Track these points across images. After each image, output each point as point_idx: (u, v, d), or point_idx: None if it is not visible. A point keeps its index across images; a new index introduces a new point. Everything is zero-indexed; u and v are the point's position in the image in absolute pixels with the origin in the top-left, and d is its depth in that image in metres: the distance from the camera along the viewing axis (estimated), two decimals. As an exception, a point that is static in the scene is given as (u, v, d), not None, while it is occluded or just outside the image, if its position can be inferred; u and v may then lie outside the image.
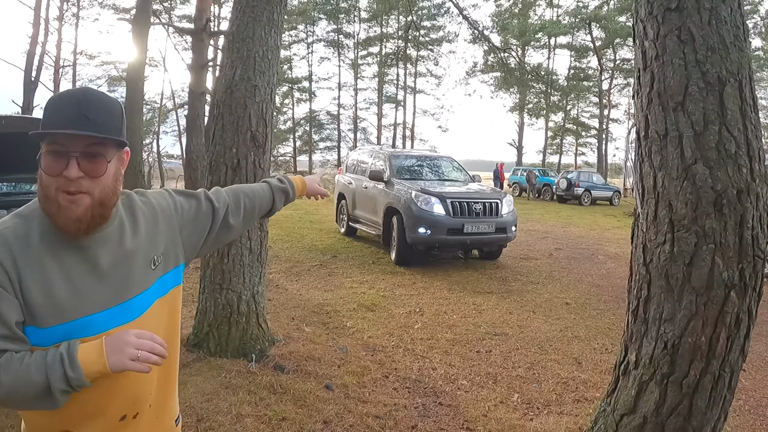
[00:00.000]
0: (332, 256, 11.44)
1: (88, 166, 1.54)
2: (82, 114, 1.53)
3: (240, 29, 5.83)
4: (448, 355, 5.97)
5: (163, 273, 1.82)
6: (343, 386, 5.04)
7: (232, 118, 5.75)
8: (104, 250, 1.66)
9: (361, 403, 4.75)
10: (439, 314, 7.44)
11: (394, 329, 6.71)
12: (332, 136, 53.81)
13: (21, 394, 1.51)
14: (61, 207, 1.54)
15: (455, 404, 4.82)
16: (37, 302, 1.54)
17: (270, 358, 5.54)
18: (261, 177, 5.78)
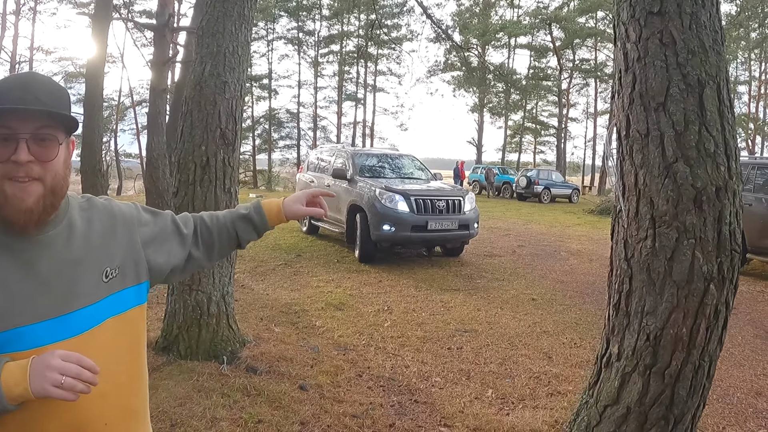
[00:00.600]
0: (296, 255, 11.40)
1: (39, 150, 1.43)
2: (32, 95, 1.43)
3: (210, 24, 5.74)
4: (419, 352, 5.99)
5: (121, 288, 1.61)
6: (317, 386, 5.02)
7: (201, 115, 5.66)
8: (46, 255, 1.51)
9: (337, 402, 4.73)
10: (408, 312, 7.47)
11: (364, 328, 6.72)
12: (292, 134, 53.14)
13: None
14: (9, 197, 1.42)
15: (431, 401, 4.84)
16: None
17: (242, 360, 5.48)
18: (230, 175, 5.76)
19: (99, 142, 14.70)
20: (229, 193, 5.76)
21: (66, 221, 1.55)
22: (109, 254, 1.59)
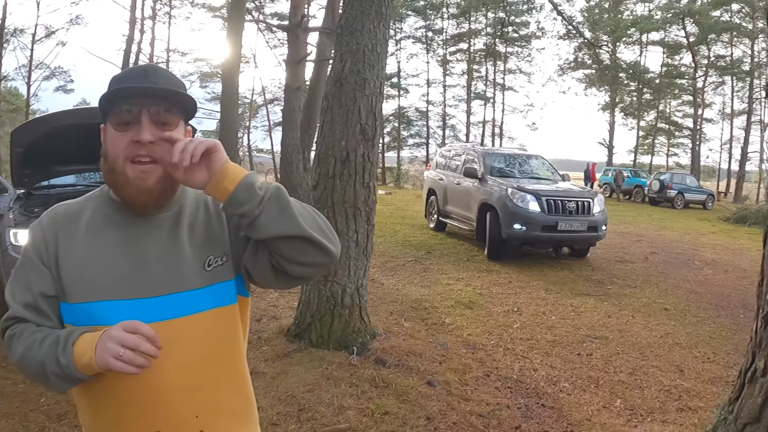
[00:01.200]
0: (426, 252, 11.51)
1: (160, 131, 1.49)
2: (152, 81, 1.50)
3: (348, 22, 5.86)
4: (548, 356, 5.93)
5: (222, 280, 1.62)
6: (445, 383, 5.06)
7: (342, 111, 5.78)
8: (152, 236, 1.57)
9: (464, 400, 4.76)
10: (538, 315, 7.39)
11: (493, 328, 6.70)
12: (421, 132, 53.07)
13: (29, 368, 1.49)
14: (130, 179, 1.49)
15: (558, 407, 4.79)
16: (68, 275, 1.51)
17: (371, 352, 5.59)
18: (369, 170, 5.87)
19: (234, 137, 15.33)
20: (368, 187, 5.87)
21: (178, 207, 1.61)
22: (214, 244, 1.62)
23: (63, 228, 1.55)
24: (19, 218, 6.26)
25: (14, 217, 6.29)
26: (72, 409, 4.67)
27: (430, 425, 4.34)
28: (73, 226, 1.55)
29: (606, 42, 46.77)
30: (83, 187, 7.74)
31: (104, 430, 1.57)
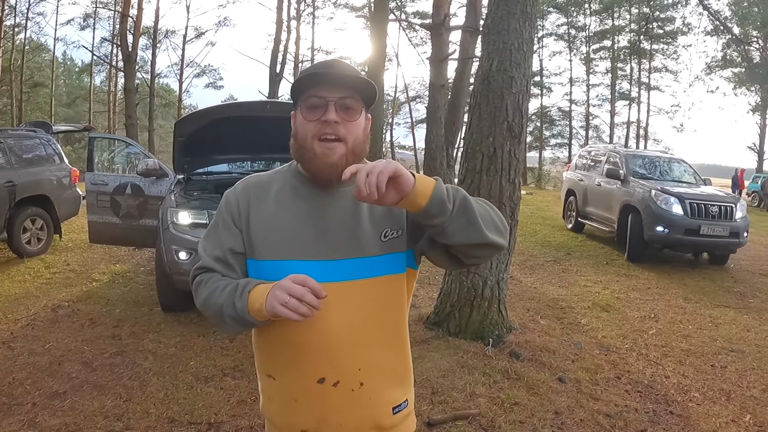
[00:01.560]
0: (566, 253, 11.64)
1: (344, 114, 1.71)
2: (336, 71, 1.72)
3: (495, 22, 6.02)
4: (681, 365, 5.96)
5: (396, 251, 1.78)
6: (575, 381, 5.24)
7: (489, 108, 5.98)
8: (334, 206, 1.77)
9: (593, 399, 4.91)
10: (674, 323, 7.38)
11: (628, 332, 6.79)
12: (563, 132, 51.74)
13: (209, 309, 1.74)
14: (317, 154, 1.71)
15: (686, 415, 4.83)
16: (258, 235, 1.76)
17: (506, 345, 5.85)
18: (515, 167, 6.03)
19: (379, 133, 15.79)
20: (513, 183, 6.05)
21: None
22: (391, 218, 1.77)
23: (254, 195, 1.83)
24: (180, 200, 6.88)
25: (176, 199, 6.90)
26: (219, 372, 5.28)
27: (558, 419, 4.54)
28: (263, 194, 1.83)
29: (756, 38, 43.46)
30: (238, 174, 8.41)
31: (276, 371, 1.83)
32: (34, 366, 5.48)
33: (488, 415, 4.51)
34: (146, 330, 6.48)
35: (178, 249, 6.34)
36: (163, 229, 6.63)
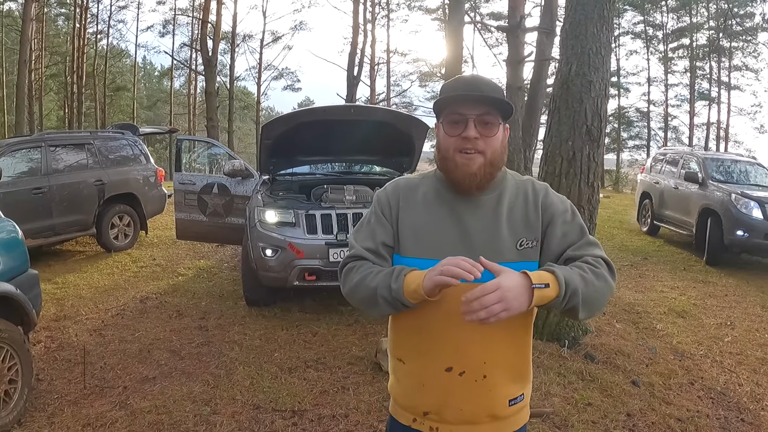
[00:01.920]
0: (642, 258, 11.52)
1: (483, 129, 1.86)
2: (476, 88, 1.87)
3: (573, 27, 6.09)
4: (756, 373, 5.88)
5: (529, 260, 1.91)
6: (648, 384, 5.26)
7: (569, 112, 6.03)
8: (475, 213, 1.93)
9: (665, 403, 4.92)
10: (751, 331, 7.25)
11: (703, 339, 6.74)
12: (641, 134, 49.75)
13: (359, 293, 1.91)
14: (458, 164, 1.88)
15: (758, 423, 4.79)
16: (405, 233, 1.95)
17: (581, 347, 5.92)
18: (594, 170, 6.07)
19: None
20: (592, 187, 6.09)
21: (499, 191, 1.97)
22: (528, 229, 1.93)
23: (404, 195, 2.02)
24: (266, 200, 7.17)
25: (262, 198, 7.19)
26: (302, 364, 5.51)
27: (630, 421, 4.59)
28: (412, 195, 2.02)
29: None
30: (321, 176, 8.69)
31: (407, 356, 2.03)
32: (124, 353, 5.85)
33: (562, 414, 4.60)
34: (231, 322, 6.80)
35: (264, 246, 6.62)
36: (250, 227, 6.93)
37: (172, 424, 4.43)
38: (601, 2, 6.02)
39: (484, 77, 1.96)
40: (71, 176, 10.35)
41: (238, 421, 4.48)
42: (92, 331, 6.51)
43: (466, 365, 1.92)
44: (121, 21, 52.54)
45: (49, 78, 46.37)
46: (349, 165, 9.23)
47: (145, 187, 11.67)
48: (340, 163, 9.22)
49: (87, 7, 43.04)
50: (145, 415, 4.53)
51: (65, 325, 6.73)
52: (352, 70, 27.91)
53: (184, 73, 51.08)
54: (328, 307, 7.37)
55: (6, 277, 4.60)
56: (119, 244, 11.13)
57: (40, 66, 42.76)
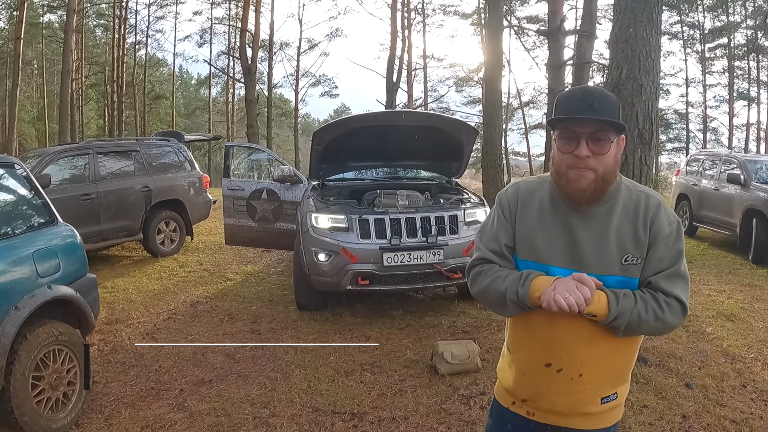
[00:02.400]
0: (688, 262, 11.25)
1: (595, 147, 1.93)
2: (587, 104, 1.92)
3: (622, 30, 6.04)
4: None
5: (631, 276, 2.00)
6: (702, 387, 5.24)
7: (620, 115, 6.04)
8: (584, 224, 2.01)
9: (719, 405, 4.90)
10: (802, 334, 7.16)
11: (753, 342, 6.65)
12: (680, 136, 49.03)
13: (489, 296, 2.08)
14: (570, 180, 1.96)
15: None
16: (520, 237, 2.09)
17: (635, 350, 5.89)
18: (646, 173, 6.02)
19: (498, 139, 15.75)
20: None
21: (610, 203, 2.03)
22: (635, 246, 2.00)
23: (522, 199, 2.14)
24: (319, 205, 7.24)
25: (314, 204, 7.27)
26: (358, 368, 5.57)
27: (685, 423, 4.58)
28: (530, 200, 2.13)
29: None
30: (371, 181, 8.76)
31: (514, 347, 2.24)
32: (178, 356, 5.98)
33: (618, 415, 4.61)
34: (284, 326, 6.91)
35: (317, 251, 6.71)
36: (302, 232, 7.04)
37: (232, 426, 4.53)
38: (650, 5, 5.99)
39: (598, 91, 2.00)
40: (118, 183, 10.58)
41: (298, 423, 4.57)
42: (145, 335, 6.65)
43: (564, 363, 2.06)
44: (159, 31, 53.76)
45: (89, 87, 47.48)
46: (397, 170, 9.31)
47: (190, 193, 11.84)
48: (388, 169, 9.30)
49: (125, 17, 43.97)
50: (204, 418, 4.64)
51: (117, 329, 6.89)
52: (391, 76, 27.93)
53: (221, 81, 51.94)
54: (379, 312, 7.44)
55: (66, 281, 4.74)
56: (165, 250, 11.32)
57: (80, 76, 43.71)
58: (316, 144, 7.90)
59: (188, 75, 67.25)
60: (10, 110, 27.24)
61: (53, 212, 5.11)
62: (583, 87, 2.12)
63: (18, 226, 4.66)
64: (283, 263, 10.24)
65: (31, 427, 4.10)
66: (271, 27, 40.05)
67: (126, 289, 8.78)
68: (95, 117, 52.16)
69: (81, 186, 10.00)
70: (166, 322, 7.16)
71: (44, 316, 4.42)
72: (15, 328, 4.00)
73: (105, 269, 10.21)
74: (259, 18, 31.08)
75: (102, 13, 46.62)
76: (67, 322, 4.69)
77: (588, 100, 1.93)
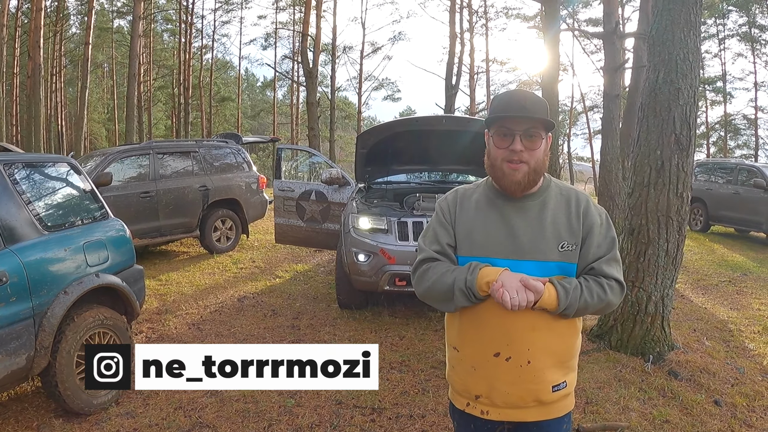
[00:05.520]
0: (742, 274, 11.13)
1: (527, 142, 2.16)
2: (521, 105, 2.15)
3: (659, 33, 5.97)
4: None
5: (569, 261, 2.19)
6: (731, 405, 5.11)
7: (657, 120, 5.93)
8: (520, 216, 2.20)
9: (746, 426, 4.78)
10: None
11: (798, 360, 6.53)
12: (749, 142, 46.51)
13: (436, 290, 2.21)
14: (505, 174, 2.18)
15: None
16: (462, 236, 2.25)
17: (666, 363, 5.81)
18: (683, 180, 5.93)
19: (556, 146, 15.70)
20: (681, 198, 5.95)
21: (543, 197, 2.25)
22: (570, 232, 2.21)
23: (461, 201, 2.33)
24: (361, 207, 7.44)
25: (357, 206, 7.45)
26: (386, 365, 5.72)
27: (706, 442, 4.51)
28: (467, 201, 2.31)
29: None
30: (416, 184, 8.91)
31: (461, 344, 2.32)
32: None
33: (637, 430, 4.58)
34: (323, 323, 7.11)
35: (357, 251, 6.89)
36: (344, 233, 7.24)
37: (258, 413, 4.76)
38: (687, 7, 5.88)
39: (529, 94, 2.25)
40: (177, 182, 10.97)
41: (320, 414, 4.75)
42: (191, 325, 6.94)
43: (511, 351, 2.19)
44: (224, 35, 54.84)
45: (157, 90, 48.93)
46: (443, 174, 9.46)
47: (247, 193, 12.18)
48: (435, 172, 9.46)
49: (192, 22, 45.20)
50: (234, 403, 4.88)
51: (166, 319, 7.22)
52: (450, 79, 27.96)
53: (286, 84, 52.66)
54: (418, 313, 7.55)
55: (113, 271, 5.13)
56: (221, 247, 11.68)
57: (148, 79, 45.19)
58: (361, 147, 8.10)
59: (254, 78, 68.61)
60: (79, 111, 28.28)
61: (105, 207, 5.50)
62: (516, 90, 2.41)
63: (70, 219, 5.05)
64: (332, 263, 10.43)
65: (74, 401, 4.52)
66: (333, 31, 40.49)
67: (179, 282, 9.14)
68: (163, 118, 53.57)
69: (141, 184, 10.43)
70: (213, 314, 7.43)
71: (93, 302, 4.82)
72: (63, 310, 4.37)
73: (162, 263, 10.64)
74: (320, 22, 31.54)
75: (169, 19, 48.47)
76: (115, 309, 5.07)
77: (521, 101, 2.17)
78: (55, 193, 5.13)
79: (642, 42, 15.28)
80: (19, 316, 4.06)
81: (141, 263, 5.79)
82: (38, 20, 24.90)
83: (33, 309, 4.17)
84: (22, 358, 4.09)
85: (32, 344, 4.16)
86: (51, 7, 38.87)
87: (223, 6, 47.64)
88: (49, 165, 5.23)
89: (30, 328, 4.15)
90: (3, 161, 4.52)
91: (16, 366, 4.05)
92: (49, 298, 4.32)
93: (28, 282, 4.15)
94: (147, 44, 43.93)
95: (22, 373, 4.14)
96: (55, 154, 16.80)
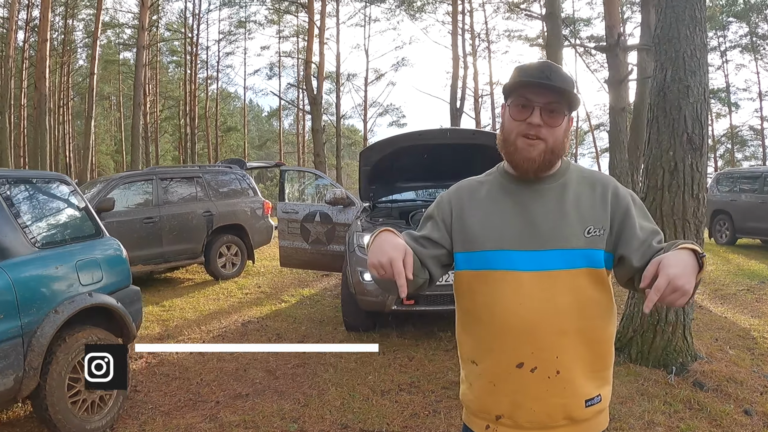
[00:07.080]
0: (760, 282, 10.91)
1: (548, 117, 1.84)
2: (546, 75, 1.83)
3: (665, 30, 5.86)
4: None
5: (597, 248, 1.85)
6: (762, 414, 4.92)
7: (667, 120, 5.77)
8: (539, 202, 1.90)
9: None
10: None
11: (822, 367, 6.32)
12: (757, 153, 45.74)
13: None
14: (519, 149, 1.87)
15: None
16: (474, 231, 1.94)
17: (690, 374, 5.58)
18: (698, 180, 5.77)
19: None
20: (697, 199, 5.79)
21: (562, 181, 1.95)
22: (595, 216, 1.88)
23: (467, 196, 2.02)
24: (366, 225, 7.30)
25: (362, 224, 7.32)
26: (395, 387, 5.50)
27: (738, 454, 4.30)
28: (475, 195, 2.01)
29: None
30: (422, 202, 8.75)
31: (479, 356, 1.94)
32: (221, 370, 6.04)
33: (664, 445, 4.36)
34: (329, 347, 6.88)
35: (362, 270, 6.69)
36: (349, 252, 7.08)
37: (258, 439, 4.54)
38: (691, 3, 5.77)
39: (557, 66, 1.92)
40: (181, 207, 10.91)
41: (324, 439, 4.52)
42: (192, 351, 6.72)
43: (537, 360, 1.83)
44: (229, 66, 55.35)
45: (163, 121, 49.46)
46: None
47: (252, 219, 12.10)
48: (440, 188, 9.21)
49: (196, 53, 45.83)
50: (233, 429, 4.67)
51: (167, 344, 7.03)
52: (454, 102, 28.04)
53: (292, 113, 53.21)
54: (427, 333, 7.32)
55: (108, 291, 4.95)
56: (227, 273, 11.54)
57: (155, 110, 45.68)
58: (364, 165, 7.96)
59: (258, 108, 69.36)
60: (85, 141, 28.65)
61: (99, 226, 5.35)
62: (542, 61, 2.00)
63: (63, 237, 4.92)
64: (339, 287, 10.24)
65: (65, 426, 4.29)
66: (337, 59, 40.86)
67: (182, 308, 8.99)
68: (171, 149, 53.96)
69: (144, 209, 10.39)
70: (215, 339, 7.28)
71: (86, 323, 4.63)
72: (53, 329, 4.19)
73: (166, 290, 10.52)
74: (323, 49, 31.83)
75: (174, 50, 49.02)
76: (110, 331, 4.87)
77: (546, 72, 1.86)
78: (47, 210, 5.01)
79: (645, 54, 15.29)
80: (7, 335, 3.90)
81: (145, 291, 5.71)
82: (44, 51, 25.16)
83: (22, 327, 4.00)
84: (10, 379, 3.92)
85: (21, 364, 3.98)
86: (58, 40, 39.61)
87: (227, 37, 48.35)
88: (42, 182, 5.11)
89: (18, 347, 3.98)
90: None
91: (4, 387, 3.88)
92: (39, 316, 4.14)
93: (17, 299, 3.98)
94: (153, 76, 44.41)
95: (9, 395, 3.98)
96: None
